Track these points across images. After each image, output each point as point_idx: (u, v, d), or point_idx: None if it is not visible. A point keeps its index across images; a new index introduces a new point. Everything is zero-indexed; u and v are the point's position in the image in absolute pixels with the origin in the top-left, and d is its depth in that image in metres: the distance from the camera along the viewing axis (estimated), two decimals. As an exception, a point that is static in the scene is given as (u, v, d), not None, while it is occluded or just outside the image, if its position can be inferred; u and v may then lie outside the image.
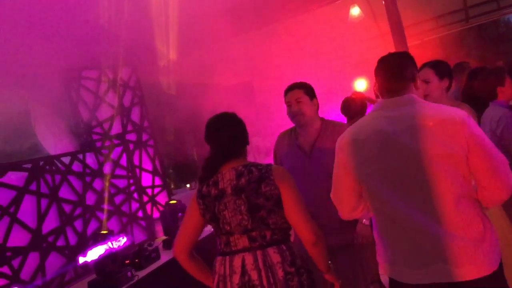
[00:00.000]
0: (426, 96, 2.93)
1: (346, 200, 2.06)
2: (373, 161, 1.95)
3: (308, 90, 3.09)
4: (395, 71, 2.04)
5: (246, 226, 2.06)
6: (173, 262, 4.26)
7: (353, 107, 4.48)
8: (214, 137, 2.21)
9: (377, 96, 4.75)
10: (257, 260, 2.03)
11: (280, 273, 2.00)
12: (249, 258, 2.04)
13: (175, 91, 7.57)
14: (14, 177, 3.99)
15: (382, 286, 3.54)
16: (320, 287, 2.36)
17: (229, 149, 2.18)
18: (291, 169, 2.51)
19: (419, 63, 2.29)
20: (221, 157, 2.17)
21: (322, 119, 3.16)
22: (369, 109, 4.46)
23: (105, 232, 3.94)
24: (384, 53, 2.14)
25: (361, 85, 8.22)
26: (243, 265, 2.03)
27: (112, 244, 3.78)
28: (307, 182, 2.92)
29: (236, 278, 2.03)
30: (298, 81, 3.15)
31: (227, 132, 2.20)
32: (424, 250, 1.86)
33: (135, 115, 7.46)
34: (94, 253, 3.65)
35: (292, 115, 3.07)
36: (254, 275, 2.01)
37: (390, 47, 6.22)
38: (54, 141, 6.96)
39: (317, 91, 3.14)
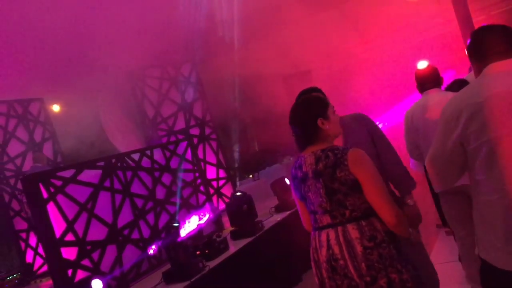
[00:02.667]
0: None
1: (448, 172, 1.93)
2: (491, 127, 1.71)
3: (323, 93, 3.08)
4: (507, 36, 1.88)
5: (326, 208, 2.18)
6: (241, 252, 4.36)
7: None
8: (294, 121, 2.31)
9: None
10: (338, 235, 2.15)
11: (358, 248, 2.09)
12: (332, 234, 2.17)
13: (236, 84, 7.65)
14: (89, 175, 4.22)
15: None
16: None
17: (308, 132, 2.26)
18: None
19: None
20: (304, 140, 2.28)
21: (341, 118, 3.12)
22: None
23: (176, 224, 4.09)
24: (446, 31, 2.03)
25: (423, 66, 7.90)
26: (328, 240, 2.18)
27: (200, 218, 3.98)
28: None
29: (324, 251, 2.19)
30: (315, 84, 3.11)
31: (306, 116, 2.27)
32: None
33: (197, 110, 7.63)
34: (188, 227, 3.86)
35: None
36: (336, 249, 2.13)
37: (453, 25, 5.94)
38: (122, 139, 7.29)
39: (380, 76, 3.09)
